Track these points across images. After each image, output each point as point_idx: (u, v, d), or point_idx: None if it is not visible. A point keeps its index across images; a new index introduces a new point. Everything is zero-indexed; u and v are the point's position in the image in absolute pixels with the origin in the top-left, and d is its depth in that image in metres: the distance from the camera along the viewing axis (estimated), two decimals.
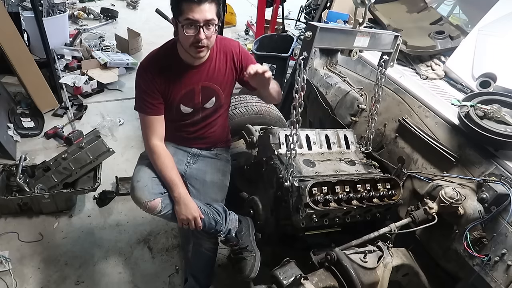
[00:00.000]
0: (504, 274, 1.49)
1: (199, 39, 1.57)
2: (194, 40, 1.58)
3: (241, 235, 1.86)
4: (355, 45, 1.67)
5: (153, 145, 1.76)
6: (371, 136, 1.98)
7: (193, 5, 1.51)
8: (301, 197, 1.60)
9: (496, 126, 1.63)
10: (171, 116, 1.82)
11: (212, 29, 1.58)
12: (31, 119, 3.51)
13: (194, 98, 1.79)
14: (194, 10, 1.52)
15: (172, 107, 1.79)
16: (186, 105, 1.81)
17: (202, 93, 1.79)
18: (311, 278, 1.47)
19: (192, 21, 1.54)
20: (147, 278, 2.33)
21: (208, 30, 1.57)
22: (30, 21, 4.09)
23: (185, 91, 1.76)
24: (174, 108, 1.80)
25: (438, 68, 2.28)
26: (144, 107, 1.74)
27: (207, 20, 1.54)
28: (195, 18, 1.53)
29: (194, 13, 1.52)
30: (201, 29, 1.55)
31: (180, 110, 1.81)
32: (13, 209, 2.58)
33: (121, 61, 4.56)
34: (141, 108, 1.76)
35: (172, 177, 1.72)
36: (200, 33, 1.56)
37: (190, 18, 1.53)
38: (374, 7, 2.54)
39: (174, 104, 1.78)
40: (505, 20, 2.17)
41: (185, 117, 1.85)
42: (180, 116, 1.84)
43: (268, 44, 3.78)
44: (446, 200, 1.56)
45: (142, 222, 2.67)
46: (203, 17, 1.53)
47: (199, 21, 1.53)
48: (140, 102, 1.75)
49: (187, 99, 1.79)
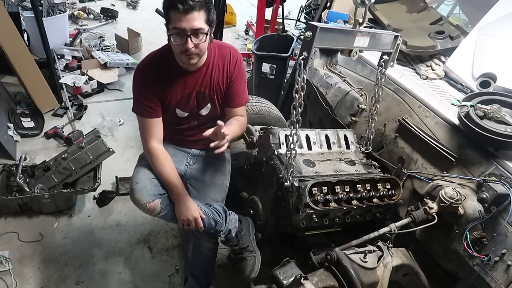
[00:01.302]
0: (504, 274, 1.49)
1: (187, 48, 1.55)
2: (182, 49, 1.57)
3: (241, 235, 1.87)
4: (355, 45, 1.67)
5: (152, 147, 1.75)
6: (371, 136, 1.98)
7: (180, 14, 1.49)
8: (301, 197, 1.60)
9: (496, 126, 1.63)
10: (168, 119, 1.81)
11: (201, 37, 1.56)
12: (31, 119, 3.51)
13: (189, 103, 1.78)
14: (181, 20, 1.50)
15: (168, 110, 1.78)
16: (182, 110, 1.80)
17: (197, 99, 1.78)
18: (311, 278, 1.47)
19: (179, 30, 1.52)
20: (147, 278, 2.33)
21: (196, 39, 1.55)
22: (30, 21, 4.09)
23: (181, 95, 1.75)
24: (171, 112, 1.79)
25: (438, 68, 2.28)
26: (142, 110, 1.74)
27: (195, 29, 1.52)
28: (182, 27, 1.51)
29: (181, 22, 1.50)
30: (189, 38, 1.53)
31: (176, 114, 1.80)
32: (13, 209, 2.58)
33: (121, 61, 4.56)
34: (139, 111, 1.75)
35: (171, 179, 1.72)
36: (188, 42, 1.54)
37: (177, 27, 1.52)
38: (374, 7, 2.54)
39: (170, 108, 1.78)
40: (505, 20, 2.17)
41: (181, 121, 1.85)
42: (177, 120, 1.84)
43: (268, 44, 3.78)
44: (446, 200, 1.56)
45: (142, 222, 2.67)
46: (190, 26, 1.51)
47: (186, 30, 1.52)
48: (138, 104, 1.75)
49: (183, 104, 1.78)
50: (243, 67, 1.84)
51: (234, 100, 1.82)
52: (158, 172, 1.74)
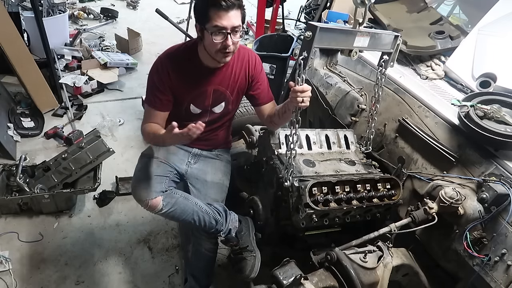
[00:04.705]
0: (504, 274, 1.49)
1: (227, 45, 1.58)
2: (221, 47, 1.59)
3: (241, 235, 1.87)
4: (355, 45, 1.67)
5: (145, 125, 1.78)
6: (371, 136, 1.98)
7: (221, 12, 1.53)
8: (301, 197, 1.60)
9: (496, 126, 1.63)
10: (179, 113, 1.82)
11: (238, 35, 1.60)
12: (31, 119, 3.51)
13: (205, 100, 1.81)
14: (222, 17, 1.53)
15: (182, 105, 1.81)
16: (196, 106, 1.83)
17: (213, 96, 1.81)
18: (311, 278, 1.47)
19: (220, 28, 1.55)
20: (147, 278, 2.33)
21: (234, 37, 1.59)
22: (30, 21, 4.09)
23: (197, 91, 1.77)
24: (184, 106, 1.81)
25: (438, 68, 2.28)
26: (152, 100, 1.77)
27: (234, 26, 1.56)
28: (223, 25, 1.54)
29: (222, 20, 1.54)
30: (229, 35, 1.57)
31: (190, 109, 1.83)
32: (13, 209, 2.58)
33: (121, 61, 4.56)
34: (149, 101, 1.78)
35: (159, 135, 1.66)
36: (228, 40, 1.57)
37: (218, 25, 1.54)
38: (374, 7, 2.54)
39: (185, 103, 1.80)
40: (505, 20, 2.17)
41: (192, 118, 1.86)
42: (188, 116, 1.85)
43: (268, 44, 3.78)
44: (446, 200, 1.56)
45: (142, 222, 2.67)
46: (230, 24, 1.55)
47: (226, 28, 1.55)
48: (150, 95, 1.78)
49: (198, 100, 1.81)
50: (262, 67, 1.91)
51: (266, 96, 1.90)
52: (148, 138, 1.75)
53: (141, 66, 4.70)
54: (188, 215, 1.76)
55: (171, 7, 6.66)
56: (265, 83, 1.90)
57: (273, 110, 1.85)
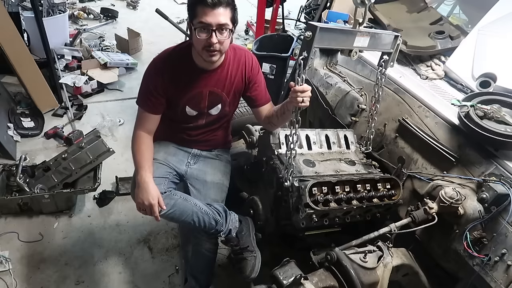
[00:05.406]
0: (504, 274, 1.49)
1: (211, 43, 1.57)
2: (206, 44, 1.58)
3: (242, 235, 1.86)
4: (355, 45, 1.67)
5: (137, 133, 1.79)
6: (371, 136, 1.98)
7: (207, 8, 1.52)
8: (301, 197, 1.60)
9: (496, 126, 1.63)
10: (175, 116, 1.82)
11: (225, 34, 1.58)
12: (31, 119, 3.50)
13: (200, 102, 1.80)
14: (208, 14, 1.53)
15: (177, 107, 1.80)
16: (192, 108, 1.82)
17: (208, 98, 1.80)
18: (311, 278, 1.47)
19: (205, 25, 1.54)
20: (147, 278, 2.33)
21: (221, 35, 1.57)
22: (30, 21, 4.08)
23: (192, 93, 1.77)
24: (180, 109, 1.81)
25: (438, 68, 2.28)
26: (144, 102, 1.78)
27: (220, 24, 1.55)
28: (208, 21, 1.53)
29: (208, 17, 1.53)
30: (214, 33, 1.55)
31: (185, 112, 1.82)
32: (13, 209, 2.58)
33: (121, 61, 4.55)
34: (141, 103, 1.79)
35: (140, 160, 1.72)
36: (212, 37, 1.56)
37: (203, 21, 1.54)
38: (374, 7, 2.54)
39: (180, 105, 1.79)
40: (505, 20, 2.17)
41: (189, 120, 1.86)
42: (184, 118, 1.85)
43: (268, 44, 3.78)
44: (446, 200, 1.56)
45: (142, 222, 2.67)
46: (216, 21, 1.53)
47: (211, 25, 1.54)
48: (143, 96, 1.78)
49: (193, 102, 1.80)
50: (259, 68, 1.90)
51: (264, 98, 1.90)
52: (133, 153, 1.76)
53: (141, 66, 4.70)
54: (188, 216, 1.75)
55: (171, 7, 6.66)
56: (262, 85, 1.89)
57: (271, 111, 1.85)
